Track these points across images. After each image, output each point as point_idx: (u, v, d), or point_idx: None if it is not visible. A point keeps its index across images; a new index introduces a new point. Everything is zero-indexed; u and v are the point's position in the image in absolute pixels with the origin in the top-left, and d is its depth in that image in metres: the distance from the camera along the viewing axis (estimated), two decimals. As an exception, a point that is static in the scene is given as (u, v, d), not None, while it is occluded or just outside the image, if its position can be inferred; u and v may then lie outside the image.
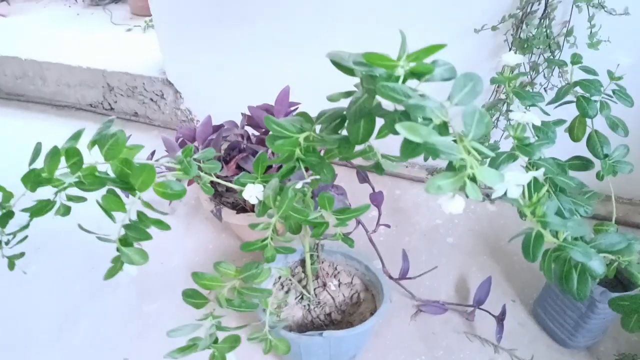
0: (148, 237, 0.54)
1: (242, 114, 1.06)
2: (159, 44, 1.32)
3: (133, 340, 0.90)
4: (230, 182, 0.73)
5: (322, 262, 0.85)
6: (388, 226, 0.95)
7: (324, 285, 0.83)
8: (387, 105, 0.48)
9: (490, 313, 0.87)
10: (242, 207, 0.97)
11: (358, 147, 0.62)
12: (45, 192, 0.58)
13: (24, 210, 0.60)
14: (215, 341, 0.61)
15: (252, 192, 0.64)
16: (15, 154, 1.42)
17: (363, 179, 0.95)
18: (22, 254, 0.62)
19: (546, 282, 0.89)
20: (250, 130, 1.06)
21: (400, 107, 0.47)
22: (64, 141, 0.58)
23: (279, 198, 0.61)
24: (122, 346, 0.89)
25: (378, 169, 0.61)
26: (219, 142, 0.97)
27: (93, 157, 0.59)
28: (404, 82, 0.45)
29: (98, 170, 0.58)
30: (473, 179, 0.41)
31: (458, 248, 1.06)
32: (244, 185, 0.68)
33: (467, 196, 0.51)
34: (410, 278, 0.89)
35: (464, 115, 0.42)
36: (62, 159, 0.57)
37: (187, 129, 1.07)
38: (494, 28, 1.01)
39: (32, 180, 0.57)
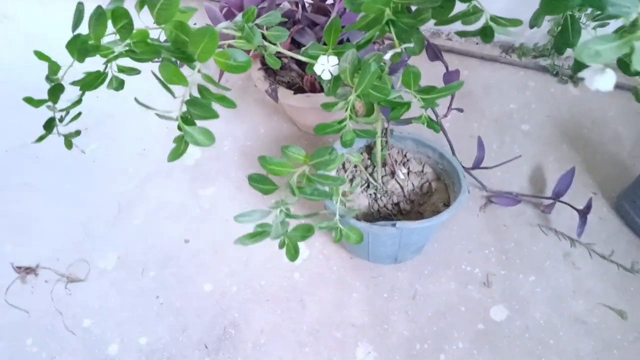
0: (214, 114, 0.47)
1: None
2: None
3: (191, 223, 0.89)
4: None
5: (391, 149, 0.77)
6: (461, 110, 0.85)
7: (392, 173, 0.76)
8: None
9: (571, 206, 0.80)
10: (299, 87, 0.88)
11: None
12: (93, 64, 0.51)
13: (74, 83, 0.53)
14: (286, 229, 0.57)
15: (325, 66, 0.55)
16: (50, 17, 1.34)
17: (435, 55, 0.83)
18: (78, 132, 0.57)
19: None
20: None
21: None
22: None
23: (358, 73, 0.52)
24: (180, 229, 0.88)
25: (486, 34, 0.49)
26: (272, 7, 0.85)
27: (143, 22, 0.51)
28: None
29: (150, 36, 0.50)
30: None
31: (534, 136, 0.96)
32: (313, 57, 0.58)
33: (622, 68, 0.40)
34: (485, 168, 0.81)
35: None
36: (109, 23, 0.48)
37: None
38: None
39: (79, 47, 0.49)
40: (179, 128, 0.50)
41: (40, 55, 0.51)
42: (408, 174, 0.77)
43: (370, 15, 0.49)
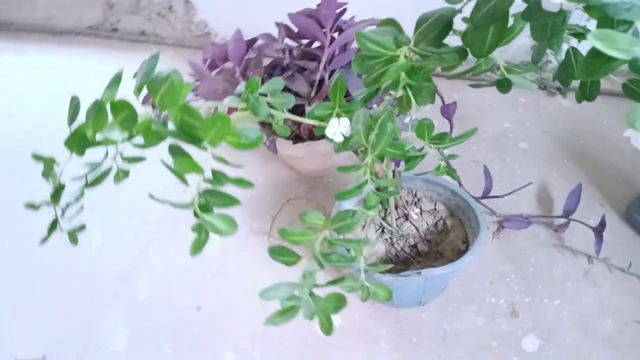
0: (234, 202, 0.44)
1: (277, 24, 0.90)
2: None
3: (201, 287, 0.85)
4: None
5: (401, 190, 0.76)
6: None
7: (405, 215, 0.75)
8: (550, 4, 0.35)
9: (586, 224, 0.80)
10: (297, 135, 0.86)
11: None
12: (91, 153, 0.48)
13: (75, 178, 0.50)
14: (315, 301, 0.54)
15: (336, 129, 0.53)
16: (25, 97, 1.29)
17: (429, 87, 0.82)
18: (82, 227, 0.54)
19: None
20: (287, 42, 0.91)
21: (569, 5, 0.34)
22: (73, 74, 0.46)
23: (372, 131, 0.51)
24: (190, 296, 0.85)
25: (502, 86, 0.48)
26: (260, 61, 0.83)
27: (141, 106, 0.48)
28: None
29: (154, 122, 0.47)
30: None
31: (533, 153, 0.96)
32: (320, 118, 0.57)
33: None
34: (496, 197, 0.81)
35: None
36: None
37: (216, 47, 0.92)
38: None
39: (78, 143, 0.46)
40: (197, 217, 0.47)
41: (36, 157, 0.48)
42: (421, 213, 0.76)
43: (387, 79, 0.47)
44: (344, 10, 0.82)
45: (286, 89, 0.86)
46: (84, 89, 1.45)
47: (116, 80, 0.50)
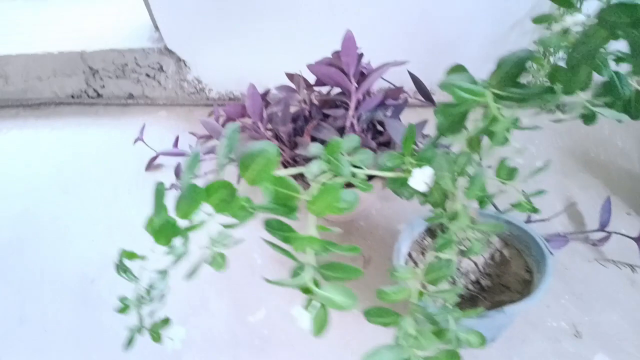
0: (357, 273, 0.42)
1: (290, 74, 0.89)
2: (149, 3, 1.09)
3: (250, 358, 0.80)
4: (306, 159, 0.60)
5: (453, 227, 0.75)
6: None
7: (461, 251, 0.74)
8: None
9: (628, 236, 0.82)
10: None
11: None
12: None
13: (160, 271, 0.46)
14: None
15: (421, 178, 0.52)
16: (7, 181, 1.20)
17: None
18: (166, 321, 0.49)
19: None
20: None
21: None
22: (58, 148, 0.43)
23: (466, 178, 0.50)
24: (241, 366, 0.79)
25: (589, 119, 0.49)
26: (288, 115, 0.82)
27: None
28: None
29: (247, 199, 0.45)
30: None
31: (551, 171, 0.99)
32: (391, 169, 0.55)
33: None
34: (542, 220, 0.82)
35: None
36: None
37: (232, 106, 0.90)
38: None
39: (167, 232, 0.43)
40: (308, 293, 0.44)
41: (127, 253, 0.44)
42: (475, 247, 0.75)
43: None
44: (362, 55, 0.83)
45: (314, 139, 0.85)
46: (73, 164, 1.39)
47: (194, 160, 0.47)
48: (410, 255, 0.75)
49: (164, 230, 0.42)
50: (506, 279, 0.72)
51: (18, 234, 1.04)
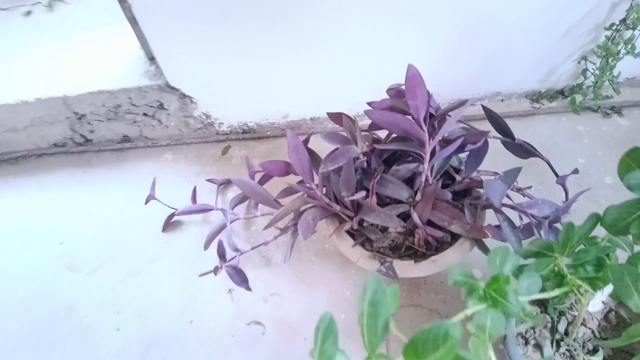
0: None
1: (342, 116, 0.76)
2: (145, 36, 0.91)
3: None
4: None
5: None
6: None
7: (573, 320, 0.65)
8: None
9: None
10: (409, 249, 0.72)
11: None
12: None
13: None
14: None
15: (600, 299, 0.41)
16: None
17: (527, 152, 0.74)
18: None
19: None
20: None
21: None
22: (46, 211, 0.32)
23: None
24: None
25: None
26: (352, 179, 0.68)
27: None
28: None
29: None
30: None
31: (620, 185, 0.90)
32: (548, 278, 0.44)
33: None
34: None
35: None
36: None
37: (272, 162, 0.75)
38: None
39: None
40: None
41: None
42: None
43: None
44: (430, 96, 0.70)
45: (378, 196, 0.73)
46: (65, 228, 1.15)
47: (330, 331, 0.35)
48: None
49: None
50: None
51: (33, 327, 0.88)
